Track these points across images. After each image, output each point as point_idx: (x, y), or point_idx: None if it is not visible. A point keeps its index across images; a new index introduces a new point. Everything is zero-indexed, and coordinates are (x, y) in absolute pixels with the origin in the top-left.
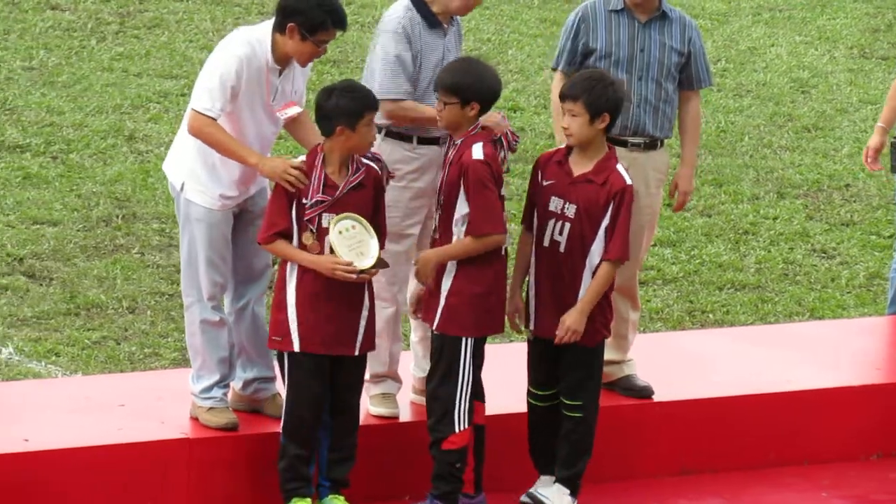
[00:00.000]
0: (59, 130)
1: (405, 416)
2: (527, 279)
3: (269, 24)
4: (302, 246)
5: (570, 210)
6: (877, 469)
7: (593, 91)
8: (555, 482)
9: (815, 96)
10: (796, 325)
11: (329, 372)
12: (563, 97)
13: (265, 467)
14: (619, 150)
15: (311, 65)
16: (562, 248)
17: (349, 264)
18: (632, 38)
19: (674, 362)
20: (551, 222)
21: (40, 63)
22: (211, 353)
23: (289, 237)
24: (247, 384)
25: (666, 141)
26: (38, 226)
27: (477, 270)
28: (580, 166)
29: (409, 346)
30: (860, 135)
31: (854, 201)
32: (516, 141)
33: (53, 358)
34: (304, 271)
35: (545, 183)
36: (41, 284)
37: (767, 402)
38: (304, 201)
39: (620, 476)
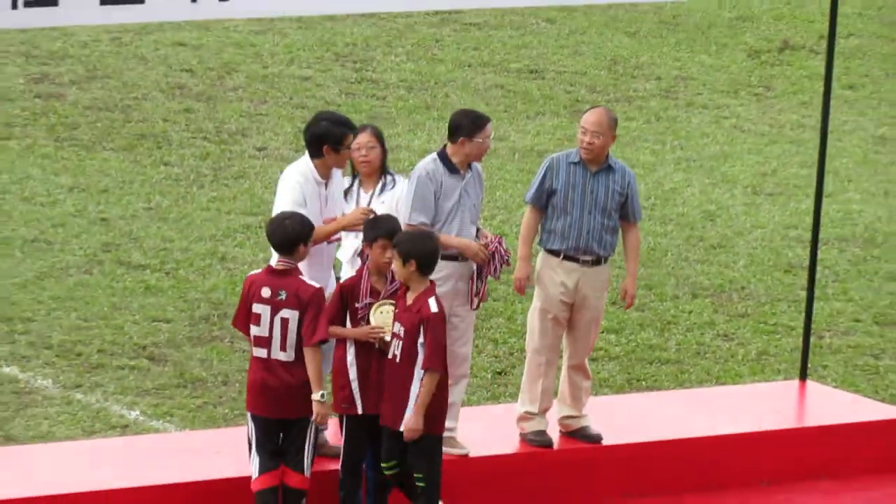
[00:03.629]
0: (170, 253)
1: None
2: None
3: (306, 157)
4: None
5: (401, 331)
6: (766, 493)
7: (406, 242)
8: None
9: (719, 223)
10: (706, 389)
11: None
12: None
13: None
14: (573, 265)
15: (340, 173)
16: (398, 360)
17: (381, 329)
18: (584, 183)
19: (618, 417)
20: (394, 341)
21: (156, 204)
22: None
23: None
24: None
25: (609, 259)
26: (156, 322)
27: None
28: (409, 298)
29: None
30: (752, 251)
31: (748, 299)
32: (508, 256)
33: (168, 418)
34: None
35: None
36: (158, 365)
37: (686, 444)
38: (356, 304)
39: (577, 497)
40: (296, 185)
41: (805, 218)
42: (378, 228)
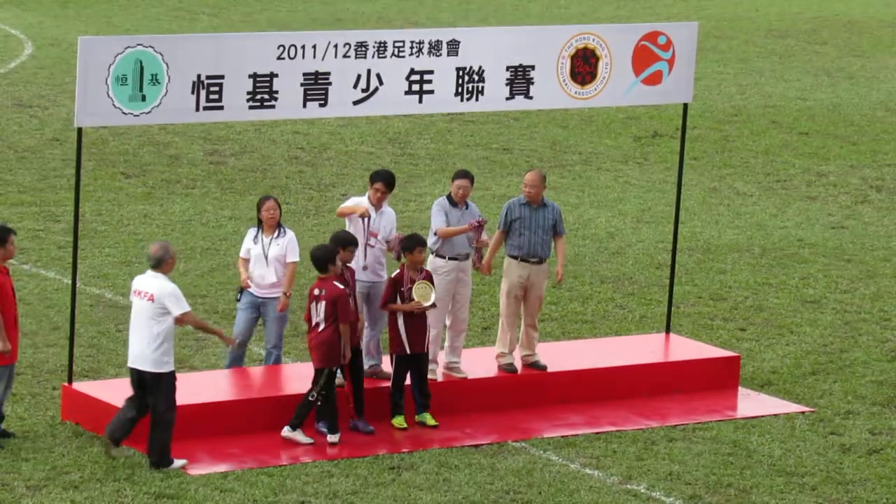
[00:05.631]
0: None
1: (440, 378)
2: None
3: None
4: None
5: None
6: (645, 400)
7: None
8: None
9: (617, 239)
10: (610, 339)
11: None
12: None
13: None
14: (525, 264)
15: (386, 208)
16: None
17: (419, 304)
18: (529, 215)
19: (556, 355)
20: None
21: None
22: None
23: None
24: None
25: (547, 260)
26: None
27: None
28: None
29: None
30: (637, 256)
31: (634, 284)
32: (485, 221)
33: (287, 356)
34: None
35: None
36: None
37: (598, 371)
38: (402, 288)
39: (532, 403)
40: (350, 201)
41: (668, 236)
42: (413, 240)
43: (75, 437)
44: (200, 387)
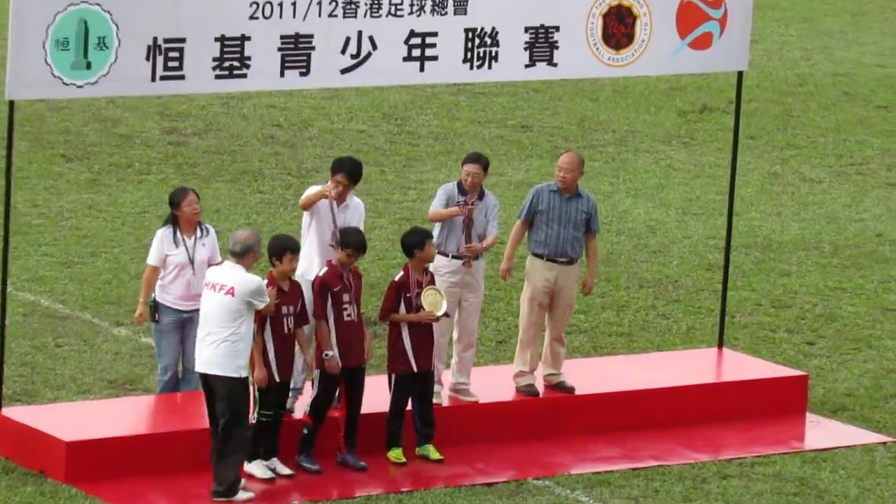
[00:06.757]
0: (262, 254)
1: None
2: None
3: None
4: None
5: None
6: (695, 428)
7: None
8: None
9: (658, 234)
10: (650, 355)
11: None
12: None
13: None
14: (553, 264)
15: (351, 200)
16: None
17: (430, 314)
18: (560, 205)
19: (585, 374)
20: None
21: (253, 221)
22: None
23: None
24: None
25: (578, 260)
26: None
27: None
28: None
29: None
30: (682, 255)
31: (680, 289)
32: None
33: None
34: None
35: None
36: None
37: (635, 394)
38: (407, 294)
39: (557, 432)
40: (311, 189)
41: (720, 231)
42: (418, 234)
43: (4, 475)
44: (157, 412)
